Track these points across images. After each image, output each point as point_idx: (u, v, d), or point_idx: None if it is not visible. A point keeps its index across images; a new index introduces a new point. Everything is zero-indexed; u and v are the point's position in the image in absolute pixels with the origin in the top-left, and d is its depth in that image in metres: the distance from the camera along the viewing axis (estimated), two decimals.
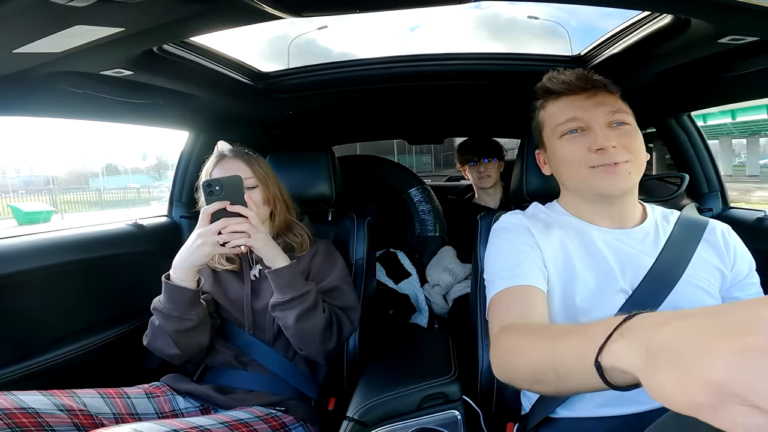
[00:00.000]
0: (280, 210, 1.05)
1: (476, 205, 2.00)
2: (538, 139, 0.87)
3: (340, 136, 2.35)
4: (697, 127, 1.36)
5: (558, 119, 0.79)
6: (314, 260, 1.06)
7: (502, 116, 1.89)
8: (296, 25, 19.71)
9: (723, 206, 1.34)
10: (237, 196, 0.84)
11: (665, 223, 0.82)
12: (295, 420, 0.93)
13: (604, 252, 0.77)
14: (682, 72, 0.95)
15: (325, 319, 0.93)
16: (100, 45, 0.68)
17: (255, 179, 1.01)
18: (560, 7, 11.05)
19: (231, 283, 1.04)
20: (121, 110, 1.14)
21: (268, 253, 0.89)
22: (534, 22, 16.22)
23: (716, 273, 0.76)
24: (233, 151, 1.04)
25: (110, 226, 1.34)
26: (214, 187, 0.83)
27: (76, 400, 0.79)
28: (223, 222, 0.83)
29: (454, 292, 1.79)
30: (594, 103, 0.76)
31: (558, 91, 0.80)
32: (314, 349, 0.95)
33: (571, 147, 0.77)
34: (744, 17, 0.64)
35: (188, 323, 0.88)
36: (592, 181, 0.75)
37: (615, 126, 0.75)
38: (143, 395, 0.91)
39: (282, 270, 0.89)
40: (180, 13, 0.64)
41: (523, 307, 0.69)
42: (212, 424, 0.77)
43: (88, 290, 1.18)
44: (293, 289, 0.90)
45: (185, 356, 0.93)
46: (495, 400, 0.93)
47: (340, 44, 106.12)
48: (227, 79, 1.12)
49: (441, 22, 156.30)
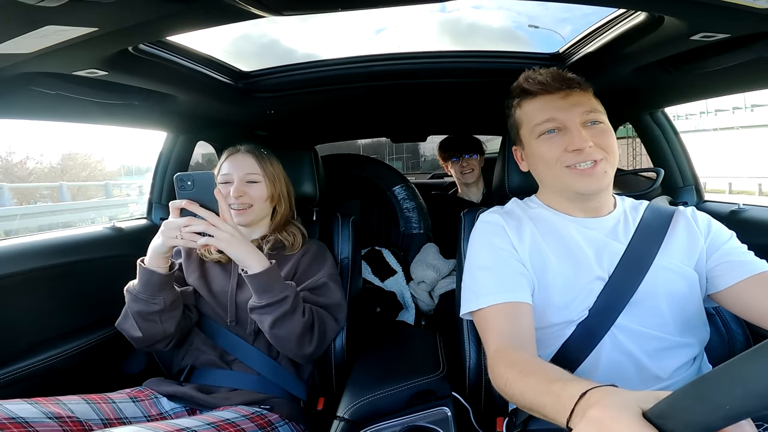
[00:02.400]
0: (282, 209, 1.10)
1: (460, 199, 2.03)
2: (516, 136, 0.89)
3: (323, 135, 2.34)
4: (671, 123, 1.40)
5: (535, 119, 0.81)
6: (303, 259, 1.06)
7: (483, 113, 1.90)
8: (260, 26, 19.47)
9: (698, 199, 1.38)
10: (207, 192, 0.84)
11: (634, 211, 0.85)
12: (280, 418, 0.92)
13: (578, 240, 0.80)
14: (657, 69, 0.98)
15: (303, 324, 0.92)
16: (72, 45, 0.66)
17: (261, 175, 1.06)
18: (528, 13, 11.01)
19: (217, 275, 1.04)
20: (96, 111, 1.11)
21: (236, 254, 0.87)
22: (494, 26, 16.35)
23: (688, 250, 0.79)
24: (246, 148, 1.09)
25: (87, 230, 1.30)
26: (185, 182, 0.84)
27: (63, 407, 0.78)
28: (187, 219, 0.83)
29: (440, 288, 1.80)
30: (569, 103, 0.78)
31: (534, 92, 0.81)
32: (291, 353, 0.96)
33: (548, 147, 0.79)
34: (715, 14, 0.66)
35: (154, 307, 0.89)
36: (569, 181, 0.78)
37: (589, 125, 0.78)
38: (128, 399, 0.90)
39: (258, 275, 0.88)
40: (156, 13, 0.63)
41: (513, 326, 0.73)
42: (199, 426, 0.76)
43: (66, 295, 1.15)
44: (270, 294, 0.89)
45: (147, 341, 0.93)
46: (483, 396, 0.95)
47: (305, 45, 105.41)
48: (206, 78, 1.10)
49: (407, 24, 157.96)
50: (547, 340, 0.78)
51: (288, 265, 1.05)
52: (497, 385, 0.66)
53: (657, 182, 1.11)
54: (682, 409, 0.36)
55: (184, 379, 0.99)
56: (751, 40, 0.75)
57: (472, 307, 0.79)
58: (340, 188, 2.09)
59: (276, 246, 1.06)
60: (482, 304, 0.76)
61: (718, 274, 0.76)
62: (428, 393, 0.80)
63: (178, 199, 0.84)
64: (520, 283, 0.77)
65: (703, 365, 0.81)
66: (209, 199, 0.84)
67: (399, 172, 2.14)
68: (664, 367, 0.74)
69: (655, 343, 0.74)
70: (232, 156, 1.08)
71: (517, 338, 0.71)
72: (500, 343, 0.71)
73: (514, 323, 0.73)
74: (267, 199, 1.07)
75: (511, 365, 0.64)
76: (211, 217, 0.83)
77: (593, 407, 0.43)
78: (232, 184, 1.04)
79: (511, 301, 0.75)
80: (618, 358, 0.74)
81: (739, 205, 1.20)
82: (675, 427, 0.36)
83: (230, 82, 1.20)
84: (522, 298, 0.76)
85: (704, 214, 0.85)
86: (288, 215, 1.12)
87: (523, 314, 0.74)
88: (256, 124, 1.81)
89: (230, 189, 1.02)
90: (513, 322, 0.73)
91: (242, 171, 1.05)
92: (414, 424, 0.73)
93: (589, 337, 0.75)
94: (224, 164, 1.07)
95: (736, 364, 0.33)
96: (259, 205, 1.06)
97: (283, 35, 29.30)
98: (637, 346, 0.74)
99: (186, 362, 1.02)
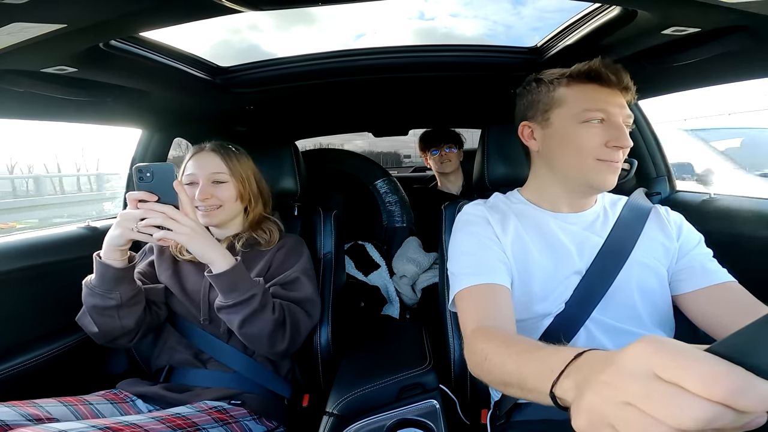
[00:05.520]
0: (254, 207, 1.07)
1: (440, 192, 2.05)
2: (539, 114, 0.84)
3: (304, 130, 2.31)
4: (644, 115, 1.43)
5: (587, 105, 0.77)
6: (278, 254, 1.04)
7: (464, 107, 1.92)
8: (241, 33, 19.01)
9: (670, 190, 1.43)
10: (166, 185, 0.81)
11: (613, 207, 0.88)
12: (248, 413, 0.91)
13: (559, 236, 0.82)
14: (631, 62, 1.00)
15: (274, 321, 0.89)
16: (40, 42, 0.63)
17: (228, 174, 1.02)
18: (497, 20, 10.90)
19: (190, 273, 1.02)
20: (66, 109, 1.07)
21: (196, 249, 0.84)
22: (467, 35, 16.36)
23: (662, 249, 0.81)
24: (211, 146, 1.04)
25: (60, 230, 1.26)
26: (144, 173, 0.81)
27: (40, 410, 0.76)
28: (143, 211, 0.80)
29: (421, 282, 1.82)
30: (621, 102, 0.78)
31: (604, 79, 0.78)
32: (263, 351, 0.94)
33: (590, 135, 0.77)
34: (685, 9, 0.68)
35: (110, 302, 0.87)
36: (594, 173, 0.78)
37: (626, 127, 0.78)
38: (105, 401, 0.88)
39: (223, 274, 0.85)
40: (128, 8, 0.61)
41: (491, 306, 0.73)
42: (145, 421, 0.74)
43: (42, 297, 1.12)
44: (237, 293, 0.86)
45: (105, 336, 0.91)
46: (469, 388, 0.96)
47: (284, 50, 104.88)
48: (182, 74, 1.07)
49: (385, 30, 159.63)
50: (524, 332, 0.79)
51: (263, 260, 1.03)
52: (474, 363, 0.64)
53: (631, 173, 1.14)
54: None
55: (164, 380, 0.97)
56: (719, 34, 0.78)
57: (455, 290, 0.79)
58: (323, 183, 2.08)
59: (250, 243, 1.04)
60: (463, 284, 0.77)
61: (681, 278, 0.79)
62: (416, 386, 0.81)
63: (137, 190, 0.81)
64: (499, 268, 0.78)
65: None
66: (169, 192, 0.81)
67: (380, 166, 2.14)
68: None
69: (628, 338, 0.75)
70: (197, 155, 1.02)
71: (496, 319, 0.71)
72: (479, 323, 0.70)
73: (493, 304, 0.73)
74: (236, 199, 1.03)
75: (490, 339, 0.63)
76: (170, 210, 0.80)
77: (637, 343, 0.32)
78: (197, 185, 0.99)
79: (489, 282, 0.75)
80: None
81: (710, 195, 1.24)
82: (760, 363, 0.28)
83: (207, 77, 1.17)
84: (500, 281, 0.76)
85: (677, 215, 0.87)
86: (263, 212, 1.09)
87: (502, 297, 0.75)
88: (235, 120, 1.77)
89: (195, 191, 0.98)
90: (493, 303, 0.74)
91: (208, 170, 1.00)
92: (403, 418, 0.73)
93: (566, 330, 0.76)
94: (189, 163, 1.02)
95: None
96: (229, 205, 1.02)
97: (263, 40, 28.22)
98: (611, 341, 0.76)
99: (162, 362, 1.00)
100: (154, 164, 0.82)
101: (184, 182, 1.01)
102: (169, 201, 0.81)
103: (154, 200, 0.80)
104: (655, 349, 0.31)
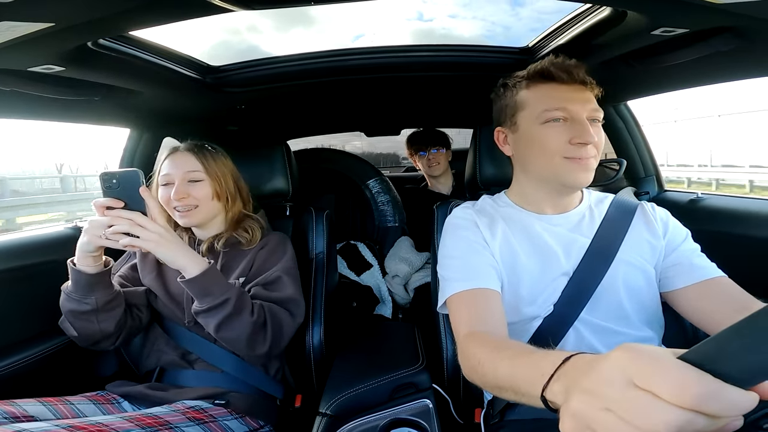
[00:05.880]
0: (233, 206, 1.05)
1: (431, 192, 2.06)
2: (508, 118, 0.85)
3: (296, 129, 2.30)
4: (633, 116, 1.45)
5: (546, 105, 0.78)
6: (260, 253, 1.03)
7: (456, 107, 1.92)
8: (240, 34, 18.88)
9: (658, 189, 1.45)
10: (133, 191, 0.81)
11: (599, 205, 0.88)
12: (230, 413, 0.90)
13: (545, 238, 0.82)
14: (621, 63, 1.01)
15: (252, 324, 0.87)
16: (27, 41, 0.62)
17: (203, 173, 1.00)
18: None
19: (174, 276, 1.00)
20: (54, 108, 1.05)
21: (165, 255, 0.83)
22: (465, 35, 16.48)
23: (648, 248, 0.82)
24: (185, 145, 1.04)
25: (47, 231, 1.24)
26: (110, 180, 0.81)
27: (17, 408, 0.76)
28: (111, 219, 0.80)
29: (414, 282, 1.82)
30: (583, 98, 0.78)
31: (556, 77, 0.79)
32: (243, 353, 0.94)
33: (553, 135, 0.77)
34: (674, 9, 0.69)
35: (85, 306, 0.87)
36: (564, 172, 0.78)
37: (592, 123, 0.78)
38: (88, 401, 0.88)
39: (194, 279, 0.84)
40: (118, 7, 0.60)
41: (483, 311, 0.74)
42: (111, 420, 0.73)
43: (27, 299, 1.10)
44: (210, 298, 0.85)
45: (85, 340, 0.92)
46: (462, 387, 0.96)
47: (283, 51, 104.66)
48: (172, 73, 1.06)
49: (384, 31, 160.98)
50: (514, 335, 0.79)
51: (244, 260, 1.02)
52: (468, 368, 0.65)
53: (620, 172, 1.16)
54: (737, 348, 0.29)
55: (154, 381, 0.97)
56: (708, 35, 0.78)
57: (445, 295, 0.79)
58: (315, 183, 2.07)
59: (231, 242, 1.03)
60: (454, 289, 0.77)
61: (670, 275, 0.79)
62: (409, 386, 0.81)
63: (104, 197, 0.81)
64: (489, 273, 0.78)
65: None
66: (135, 198, 0.81)
67: (373, 166, 2.14)
68: None
69: (616, 338, 0.77)
70: (172, 155, 1.02)
71: (487, 323, 0.71)
72: (471, 327, 0.71)
73: (485, 309, 0.74)
74: (213, 198, 1.01)
75: (483, 344, 0.63)
76: (136, 216, 0.80)
77: (615, 351, 0.34)
78: (173, 185, 0.98)
79: (481, 287, 0.76)
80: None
81: (697, 194, 1.26)
82: (728, 371, 0.29)
83: (198, 76, 1.16)
84: (491, 285, 0.76)
85: (663, 211, 0.87)
86: (242, 210, 1.08)
87: (494, 301, 0.75)
88: (227, 120, 1.76)
89: (171, 191, 0.97)
90: (484, 307, 0.74)
91: (182, 170, 0.99)
92: (397, 417, 0.74)
93: (555, 331, 0.77)
94: (164, 164, 1.01)
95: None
96: (206, 204, 1.00)
97: (262, 42, 27.79)
98: (599, 341, 0.77)
99: (151, 363, 1.00)
100: (119, 170, 0.82)
101: (160, 183, 1.00)
102: (136, 207, 0.81)
103: (121, 206, 0.81)
104: (631, 358, 0.33)
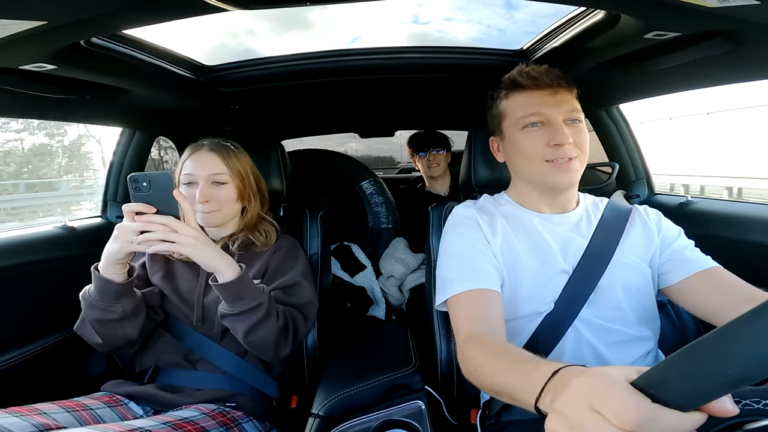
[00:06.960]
0: (253, 206, 1.04)
1: (428, 193, 2.07)
2: (496, 127, 0.90)
3: (290, 129, 2.29)
4: (625, 119, 1.47)
5: (522, 112, 0.82)
6: (275, 257, 1.02)
7: (450, 109, 1.93)
8: (238, 37, 18.71)
9: (649, 192, 1.46)
10: (165, 195, 0.76)
11: (596, 208, 0.90)
12: (245, 415, 0.90)
13: (544, 235, 0.83)
14: (614, 66, 1.02)
15: (278, 328, 0.88)
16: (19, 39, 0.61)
17: (228, 175, 0.99)
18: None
19: (184, 274, 0.99)
20: (45, 106, 1.04)
21: (202, 259, 0.81)
22: (460, 38, 16.56)
23: (644, 247, 0.84)
24: (210, 145, 1.00)
25: (36, 230, 1.23)
26: (141, 183, 0.75)
27: (47, 418, 0.74)
28: (142, 224, 0.76)
29: (409, 282, 1.82)
30: (556, 100, 0.81)
31: (525, 85, 0.82)
32: (268, 357, 0.93)
33: (531, 140, 0.81)
34: (666, 13, 0.70)
35: (112, 315, 0.84)
36: (546, 175, 0.81)
37: (570, 123, 0.81)
38: (103, 405, 0.86)
39: (230, 284, 0.83)
40: (111, 6, 0.59)
41: (484, 312, 0.75)
42: (154, 425, 0.73)
43: (17, 298, 1.09)
44: (243, 302, 0.84)
45: (109, 346, 0.89)
46: (456, 389, 0.96)
47: (280, 54, 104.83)
48: (166, 72, 1.05)
49: (380, 33, 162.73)
50: (515, 332, 0.80)
51: (258, 262, 1.01)
52: (468, 369, 0.66)
53: (612, 176, 1.17)
54: (675, 376, 0.33)
55: (148, 380, 0.95)
56: (700, 38, 0.79)
57: (446, 294, 0.80)
58: (309, 184, 2.07)
59: (245, 244, 1.02)
60: (455, 290, 0.78)
61: (667, 270, 0.82)
62: (402, 387, 0.81)
63: (133, 201, 0.76)
64: (490, 273, 0.79)
65: (658, 356, 0.85)
66: (168, 202, 0.76)
67: (367, 167, 2.14)
68: (623, 359, 0.78)
69: (614, 336, 0.79)
70: (195, 154, 0.99)
71: (488, 325, 0.73)
72: (471, 329, 0.72)
73: (485, 310, 0.75)
74: (237, 200, 1.01)
75: (482, 348, 0.65)
76: (171, 221, 0.76)
77: (578, 376, 0.40)
78: (196, 185, 0.96)
79: (482, 288, 0.77)
80: (581, 351, 0.78)
81: (687, 198, 1.28)
82: (668, 397, 0.33)
83: (191, 76, 1.16)
84: (492, 286, 0.78)
85: (655, 211, 0.90)
86: (260, 212, 1.06)
87: (494, 302, 0.76)
88: (220, 119, 1.75)
89: (195, 192, 0.95)
90: (484, 308, 0.75)
91: (207, 171, 0.97)
92: (389, 419, 0.73)
93: (555, 329, 0.78)
94: (186, 163, 0.98)
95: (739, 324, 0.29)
96: (228, 206, 0.99)
97: (260, 45, 27.91)
98: (598, 339, 0.78)
99: (148, 362, 0.97)
100: (150, 173, 0.76)
101: (182, 181, 0.98)
102: (169, 211, 0.77)
103: (153, 212, 0.76)
104: (590, 384, 0.38)
